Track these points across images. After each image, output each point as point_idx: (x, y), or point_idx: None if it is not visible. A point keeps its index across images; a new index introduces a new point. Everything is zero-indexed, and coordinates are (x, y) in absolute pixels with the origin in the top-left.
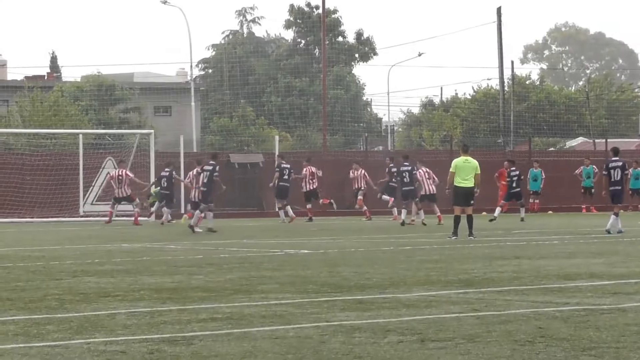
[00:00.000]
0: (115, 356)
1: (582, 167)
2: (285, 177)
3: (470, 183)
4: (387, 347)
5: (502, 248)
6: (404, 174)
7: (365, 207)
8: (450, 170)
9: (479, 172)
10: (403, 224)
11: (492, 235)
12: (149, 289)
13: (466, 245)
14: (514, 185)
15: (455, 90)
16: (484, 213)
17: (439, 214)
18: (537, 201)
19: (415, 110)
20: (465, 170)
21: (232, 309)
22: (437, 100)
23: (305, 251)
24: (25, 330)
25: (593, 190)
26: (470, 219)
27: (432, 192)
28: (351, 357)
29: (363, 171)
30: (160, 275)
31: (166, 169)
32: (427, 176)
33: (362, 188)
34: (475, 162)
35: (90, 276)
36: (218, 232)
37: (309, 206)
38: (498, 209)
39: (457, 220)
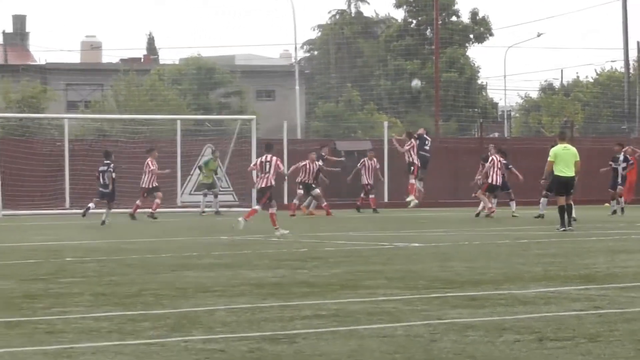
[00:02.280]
0: (214, 355)
1: None
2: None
3: (571, 172)
4: (502, 347)
5: (626, 242)
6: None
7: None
8: (549, 159)
9: (579, 159)
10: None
11: (615, 228)
12: (249, 284)
13: (587, 239)
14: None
15: (577, 73)
16: (606, 204)
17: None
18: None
19: (534, 94)
20: (565, 158)
21: (337, 306)
22: (557, 84)
23: (416, 244)
24: (119, 327)
25: None
26: (570, 208)
27: (497, 184)
28: (463, 357)
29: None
30: (261, 270)
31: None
32: (498, 165)
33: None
34: (574, 150)
35: (188, 270)
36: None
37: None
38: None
39: (562, 210)
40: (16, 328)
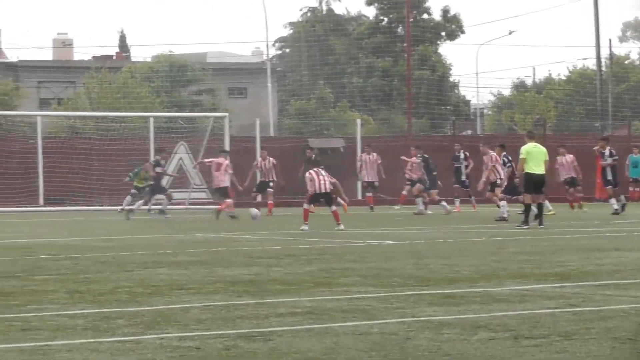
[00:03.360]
0: (190, 352)
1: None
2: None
3: (542, 170)
4: (477, 344)
5: (601, 239)
6: None
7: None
8: (521, 156)
9: (548, 158)
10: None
11: (589, 226)
12: (224, 281)
13: (561, 237)
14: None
15: (549, 70)
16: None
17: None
18: (637, 189)
19: (506, 92)
20: (537, 156)
21: (312, 303)
22: (529, 82)
23: (390, 242)
24: (94, 324)
25: None
26: (540, 207)
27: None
28: (439, 355)
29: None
30: (236, 267)
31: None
32: (498, 161)
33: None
34: (544, 148)
35: (163, 267)
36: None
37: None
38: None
39: (528, 208)
40: None
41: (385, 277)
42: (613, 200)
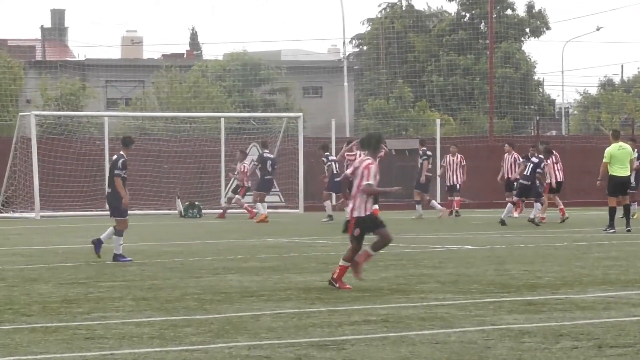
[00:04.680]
0: None
1: None
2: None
3: (627, 171)
4: (559, 354)
5: None
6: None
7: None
8: (604, 160)
9: (635, 156)
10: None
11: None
12: (296, 288)
13: None
14: None
15: (638, 68)
16: None
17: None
18: None
19: (593, 90)
20: (621, 158)
21: (387, 311)
22: (617, 80)
23: (469, 247)
24: (161, 332)
25: None
26: (627, 210)
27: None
28: None
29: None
30: (309, 274)
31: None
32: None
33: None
34: (629, 148)
35: (233, 274)
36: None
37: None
38: None
39: (613, 211)
40: (54, 334)
41: (464, 284)
42: None
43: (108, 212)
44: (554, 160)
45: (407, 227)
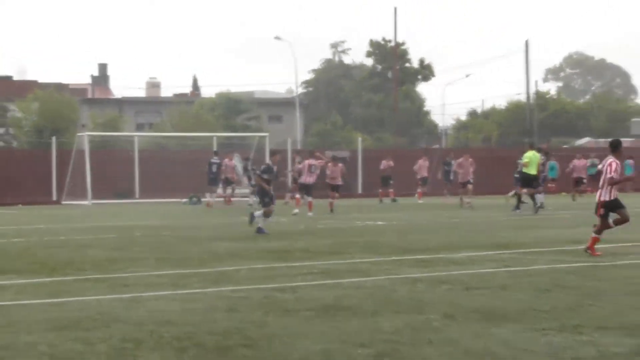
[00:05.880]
0: (240, 301)
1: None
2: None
3: (535, 171)
4: (441, 294)
5: (529, 221)
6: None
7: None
8: (525, 161)
9: (540, 161)
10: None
11: (524, 211)
12: (265, 251)
13: (503, 220)
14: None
15: (494, 102)
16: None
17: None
18: (553, 185)
19: (463, 117)
20: (534, 161)
21: (326, 266)
22: (479, 110)
23: (381, 223)
24: (174, 281)
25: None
26: (533, 197)
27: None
28: (414, 301)
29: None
30: (276, 241)
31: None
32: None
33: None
34: (539, 155)
35: (222, 241)
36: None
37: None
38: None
39: (519, 198)
40: (100, 282)
41: (378, 248)
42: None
43: (136, 201)
44: (461, 163)
45: (341, 210)
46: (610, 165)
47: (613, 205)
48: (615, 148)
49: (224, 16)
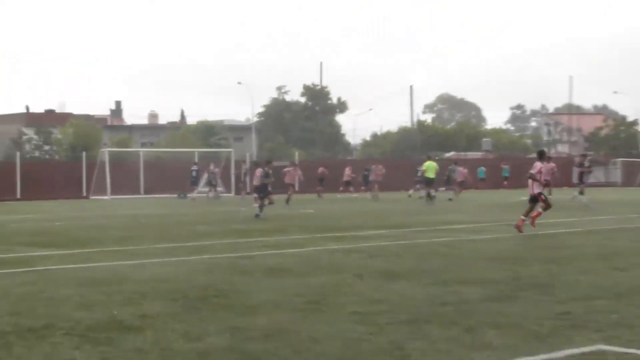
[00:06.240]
0: (214, 265)
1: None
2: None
3: (434, 175)
4: (352, 259)
5: (420, 207)
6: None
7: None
8: (424, 169)
9: (438, 168)
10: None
11: (413, 202)
12: (231, 230)
13: (397, 207)
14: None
15: (389, 128)
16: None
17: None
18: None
19: (368, 138)
20: (432, 168)
21: (274, 241)
22: (379, 133)
23: (311, 211)
24: (168, 252)
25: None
26: (429, 195)
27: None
28: (334, 265)
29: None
30: (236, 224)
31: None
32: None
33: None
34: (436, 163)
35: (201, 225)
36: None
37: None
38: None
39: (428, 194)
40: (114, 253)
41: (308, 227)
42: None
43: (141, 196)
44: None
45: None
46: (536, 167)
47: (534, 198)
48: (541, 156)
49: (204, 68)
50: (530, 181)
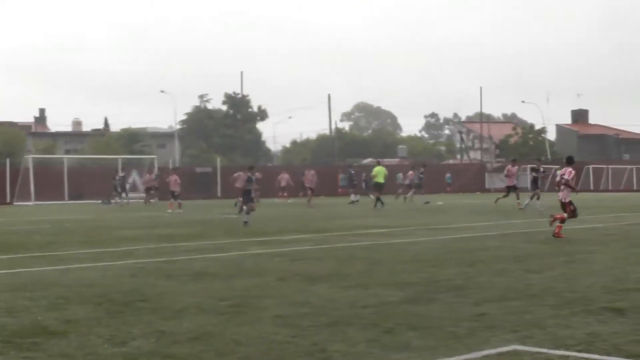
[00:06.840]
0: (139, 270)
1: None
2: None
3: (383, 180)
4: (274, 263)
5: (344, 212)
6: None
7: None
8: (374, 174)
9: (387, 173)
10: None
11: (341, 206)
12: (157, 235)
13: (319, 213)
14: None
15: (308, 135)
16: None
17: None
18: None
19: (288, 145)
20: (382, 173)
21: (198, 245)
22: (299, 140)
23: (235, 216)
24: (94, 257)
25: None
26: (378, 199)
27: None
28: (257, 269)
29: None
30: (163, 229)
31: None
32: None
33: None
34: (385, 169)
35: (127, 230)
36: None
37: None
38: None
39: (378, 199)
40: (43, 258)
41: (234, 232)
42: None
43: (62, 202)
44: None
45: (219, 209)
46: (570, 173)
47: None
48: (569, 161)
49: (127, 77)
50: (562, 187)
